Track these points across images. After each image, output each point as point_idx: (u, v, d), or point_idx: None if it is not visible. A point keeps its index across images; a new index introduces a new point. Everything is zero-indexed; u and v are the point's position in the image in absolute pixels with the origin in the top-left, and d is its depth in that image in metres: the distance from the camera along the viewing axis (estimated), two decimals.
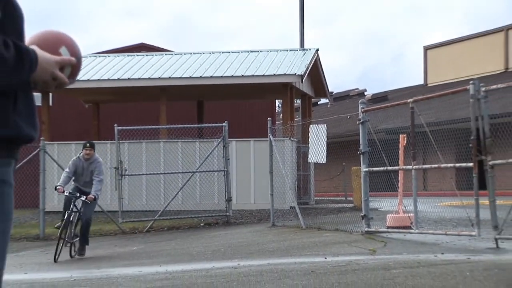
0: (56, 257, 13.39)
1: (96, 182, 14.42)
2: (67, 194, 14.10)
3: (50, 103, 25.65)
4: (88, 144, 14.74)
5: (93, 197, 14.08)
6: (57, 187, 14.07)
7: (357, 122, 14.46)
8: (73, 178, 14.92)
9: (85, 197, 14.00)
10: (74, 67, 2.80)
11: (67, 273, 10.86)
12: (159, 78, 24.77)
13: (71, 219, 13.85)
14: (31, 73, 2.57)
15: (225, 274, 9.44)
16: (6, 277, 2.71)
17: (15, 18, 2.63)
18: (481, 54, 41.14)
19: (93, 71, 25.31)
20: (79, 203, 14.15)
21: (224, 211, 19.61)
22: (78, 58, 2.87)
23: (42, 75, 2.63)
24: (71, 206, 13.99)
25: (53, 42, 2.79)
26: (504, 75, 35.37)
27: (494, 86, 12.41)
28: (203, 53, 27.40)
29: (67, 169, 14.72)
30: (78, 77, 3.09)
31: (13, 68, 2.48)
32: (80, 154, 14.78)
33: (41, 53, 2.63)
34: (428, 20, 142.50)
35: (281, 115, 31.16)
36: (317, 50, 27.09)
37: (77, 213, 14.12)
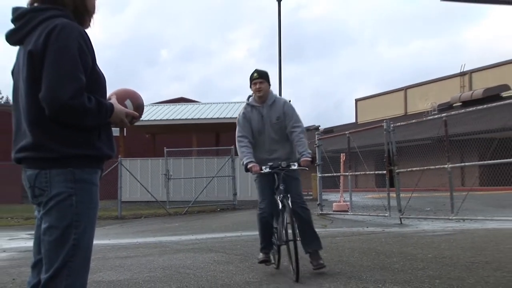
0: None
1: (299, 133, 6.00)
2: (266, 170, 5.73)
3: (125, 134, 25.58)
4: (255, 74, 6.10)
5: (310, 158, 5.87)
6: (249, 165, 5.74)
7: (314, 146, 14.49)
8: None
9: (295, 164, 5.78)
10: (135, 116, 2.76)
11: (134, 240, 10.83)
12: (192, 118, 24.82)
13: (285, 206, 5.59)
14: (107, 118, 2.55)
15: (232, 240, 9.40)
16: (96, 242, 2.69)
17: (98, 81, 2.59)
18: (390, 103, 41.20)
19: (151, 114, 25.27)
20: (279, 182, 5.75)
21: (232, 201, 19.52)
22: (140, 107, 2.83)
23: (115, 119, 2.61)
24: (278, 186, 5.73)
25: (122, 95, 2.76)
26: (404, 117, 35.38)
27: (398, 124, 12.52)
28: (219, 103, 27.43)
29: (239, 133, 6.04)
30: (142, 118, 3.05)
31: (94, 115, 2.45)
32: (248, 99, 6.22)
33: (116, 106, 2.61)
34: (357, 81, 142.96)
35: None
36: (290, 100, 27.09)
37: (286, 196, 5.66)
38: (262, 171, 5.64)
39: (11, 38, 2.54)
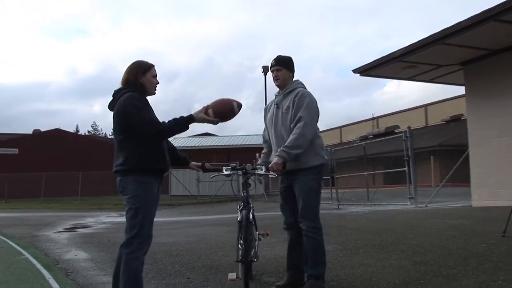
0: None
1: (297, 123, 2.45)
2: (226, 172, 2.83)
3: None
4: (272, 61, 2.67)
5: (280, 161, 2.30)
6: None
7: None
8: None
9: (263, 168, 2.50)
10: (213, 121, 2.40)
11: (178, 218, 10.68)
12: (212, 145, 24.70)
13: (249, 218, 2.43)
14: (187, 124, 2.42)
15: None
16: (156, 219, 2.73)
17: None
18: (330, 136, 41.25)
19: (186, 143, 24.78)
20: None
21: (237, 195, 19.31)
22: (218, 114, 2.39)
23: (199, 122, 2.46)
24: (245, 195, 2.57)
25: (210, 105, 2.44)
26: (339, 144, 35.32)
27: (336, 148, 12.52)
28: (229, 136, 27.09)
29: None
30: (182, 145, 2.83)
31: (173, 127, 2.41)
32: None
33: (196, 115, 2.43)
34: None
35: None
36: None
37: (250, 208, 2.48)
38: (221, 173, 3.00)
39: (109, 106, 2.67)
